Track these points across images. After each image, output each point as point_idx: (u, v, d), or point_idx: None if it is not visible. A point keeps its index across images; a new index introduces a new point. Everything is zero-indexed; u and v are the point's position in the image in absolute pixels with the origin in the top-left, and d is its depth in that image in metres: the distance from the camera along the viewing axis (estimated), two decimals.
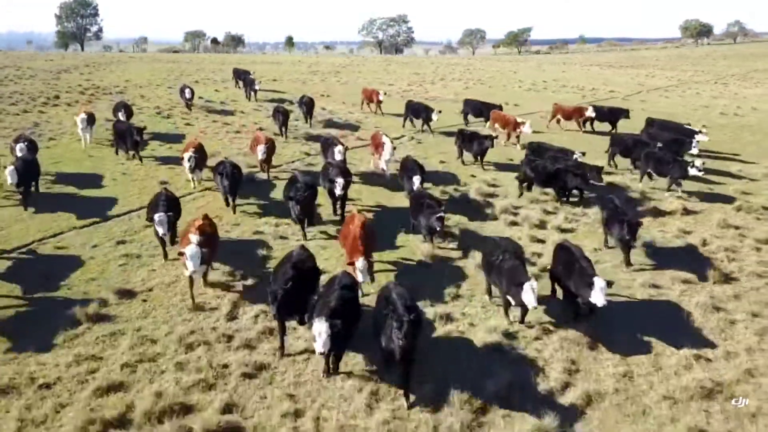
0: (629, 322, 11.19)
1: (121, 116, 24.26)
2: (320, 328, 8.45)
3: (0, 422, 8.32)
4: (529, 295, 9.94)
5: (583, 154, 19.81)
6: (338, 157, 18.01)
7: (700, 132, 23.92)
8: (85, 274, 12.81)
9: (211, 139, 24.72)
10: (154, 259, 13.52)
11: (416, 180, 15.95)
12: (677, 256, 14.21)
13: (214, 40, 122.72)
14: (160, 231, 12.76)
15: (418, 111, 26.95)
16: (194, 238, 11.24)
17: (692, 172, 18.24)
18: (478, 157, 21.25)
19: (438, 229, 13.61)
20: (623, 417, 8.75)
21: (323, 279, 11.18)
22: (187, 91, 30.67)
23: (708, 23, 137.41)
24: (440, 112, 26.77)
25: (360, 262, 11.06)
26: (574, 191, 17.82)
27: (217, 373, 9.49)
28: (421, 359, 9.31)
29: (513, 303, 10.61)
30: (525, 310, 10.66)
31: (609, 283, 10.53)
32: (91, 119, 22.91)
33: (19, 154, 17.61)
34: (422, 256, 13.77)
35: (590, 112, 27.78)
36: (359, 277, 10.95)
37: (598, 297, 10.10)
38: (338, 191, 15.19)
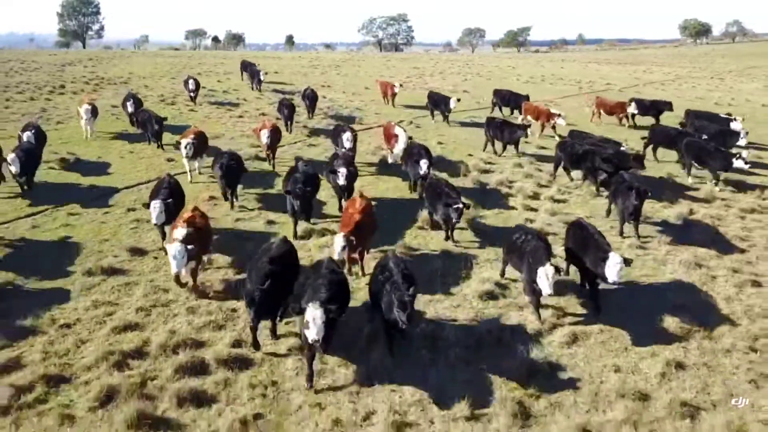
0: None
1: (130, 107, 23.29)
2: (314, 314, 7.80)
3: (26, 354, 8.93)
4: (543, 281, 9.32)
5: (625, 141, 19.31)
6: (347, 144, 17.34)
7: (735, 120, 23.04)
8: (98, 235, 13.43)
9: (215, 122, 25.39)
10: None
11: (423, 164, 15.24)
12: (665, 224, 14.82)
13: (215, 39, 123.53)
14: (153, 219, 11.96)
15: (437, 102, 27.09)
16: (180, 232, 10.27)
17: (738, 164, 17.15)
18: (508, 146, 20.58)
19: (455, 220, 12.74)
20: (606, 351, 9.36)
21: None
22: (191, 82, 29.75)
23: (707, 23, 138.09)
24: (459, 100, 26.76)
25: (338, 238, 10.56)
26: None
27: (227, 316, 10.11)
28: (418, 305, 9.88)
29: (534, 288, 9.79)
30: (539, 297, 9.88)
31: (627, 261, 10.02)
32: (94, 111, 22.29)
33: (29, 142, 17.11)
34: (420, 222, 14.38)
35: (632, 109, 26.87)
36: (335, 253, 10.41)
37: (611, 273, 9.67)
38: (341, 181, 14.29)
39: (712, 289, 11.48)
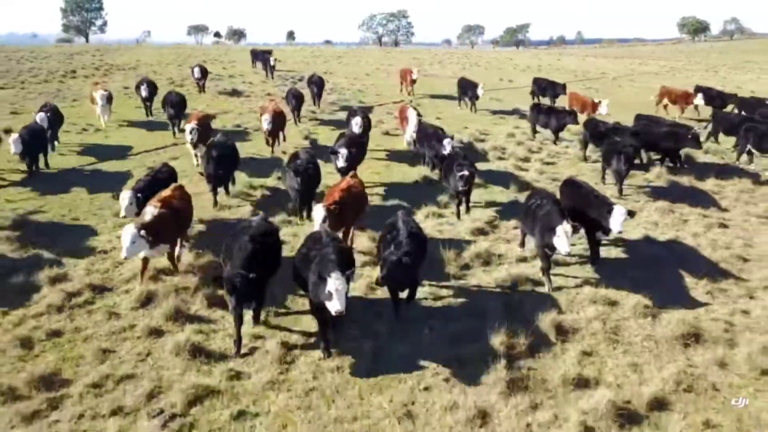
0: None
1: (144, 91, 22.22)
2: (338, 284, 7.29)
3: (72, 271, 10.14)
4: (561, 240, 9.24)
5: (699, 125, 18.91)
6: (356, 129, 16.22)
7: None
8: (121, 185, 14.56)
9: (223, 101, 26.68)
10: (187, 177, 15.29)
11: (447, 143, 14.62)
12: (645, 180, 16.03)
13: (217, 34, 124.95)
14: (121, 211, 10.70)
15: (466, 88, 26.63)
16: (149, 212, 9.44)
17: None
18: (557, 134, 20.06)
19: (461, 188, 12.49)
20: (583, 272, 10.55)
21: None
22: (196, 70, 28.20)
23: (705, 20, 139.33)
24: (483, 86, 25.94)
25: (318, 208, 9.91)
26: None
27: None
28: None
29: (548, 251, 9.74)
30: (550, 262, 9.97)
31: (631, 213, 10.27)
32: (109, 97, 21.24)
33: (38, 123, 16.30)
34: (417, 178, 15.59)
35: (699, 100, 25.24)
36: (315, 225, 9.77)
37: (616, 223, 10.00)
38: (340, 163, 13.42)
39: (682, 229, 12.71)
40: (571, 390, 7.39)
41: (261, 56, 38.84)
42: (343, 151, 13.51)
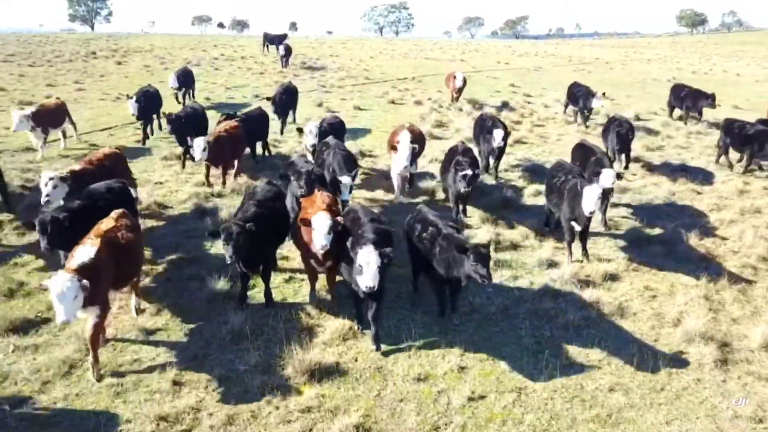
0: None
1: (132, 106, 16.01)
2: (369, 258, 6.80)
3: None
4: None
5: None
6: (309, 140, 12.91)
7: None
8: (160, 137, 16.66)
9: (239, 77, 28.69)
10: None
11: (498, 135, 13.10)
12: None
13: (220, 25, 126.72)
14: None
15: (576, 97, 20.06)
16: (84, 253, 6.50)
17: None
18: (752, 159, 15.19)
19: (462, 190, 10.61)
20: None
21: None
22: (172, 79, 21.11)
23: (702, 12, 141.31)
24: (605, 94, 19.67)
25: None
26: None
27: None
28: None
29: (575, 225, 9.58)
30: (584, 237, 9.79)
31: (619, 175, 10.92)
32: (44, 118, 14.47)
33: None
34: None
35: None
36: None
37: (606, 180, 10.37)
38: (345, 196, 10.29)
39: (650, 173, 14.78)
40: (544, 269, 9.46)
41: (275, 41, 39.12)
42: (347, 180, 10.27)
